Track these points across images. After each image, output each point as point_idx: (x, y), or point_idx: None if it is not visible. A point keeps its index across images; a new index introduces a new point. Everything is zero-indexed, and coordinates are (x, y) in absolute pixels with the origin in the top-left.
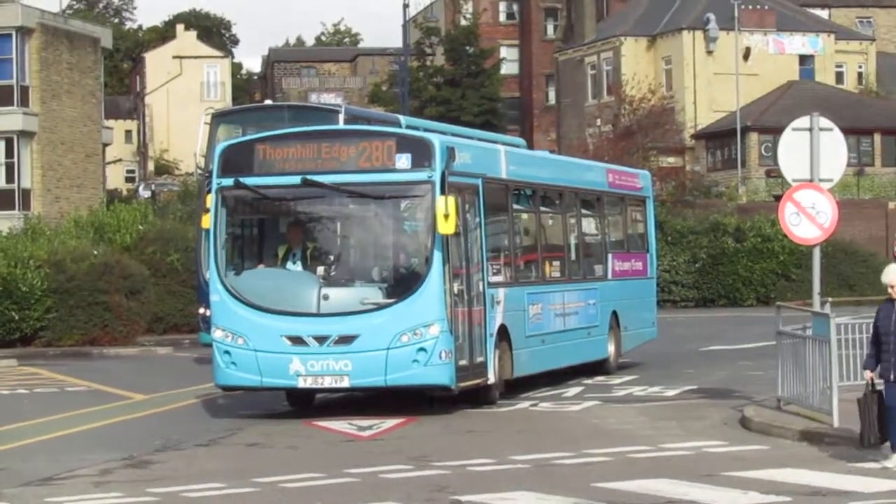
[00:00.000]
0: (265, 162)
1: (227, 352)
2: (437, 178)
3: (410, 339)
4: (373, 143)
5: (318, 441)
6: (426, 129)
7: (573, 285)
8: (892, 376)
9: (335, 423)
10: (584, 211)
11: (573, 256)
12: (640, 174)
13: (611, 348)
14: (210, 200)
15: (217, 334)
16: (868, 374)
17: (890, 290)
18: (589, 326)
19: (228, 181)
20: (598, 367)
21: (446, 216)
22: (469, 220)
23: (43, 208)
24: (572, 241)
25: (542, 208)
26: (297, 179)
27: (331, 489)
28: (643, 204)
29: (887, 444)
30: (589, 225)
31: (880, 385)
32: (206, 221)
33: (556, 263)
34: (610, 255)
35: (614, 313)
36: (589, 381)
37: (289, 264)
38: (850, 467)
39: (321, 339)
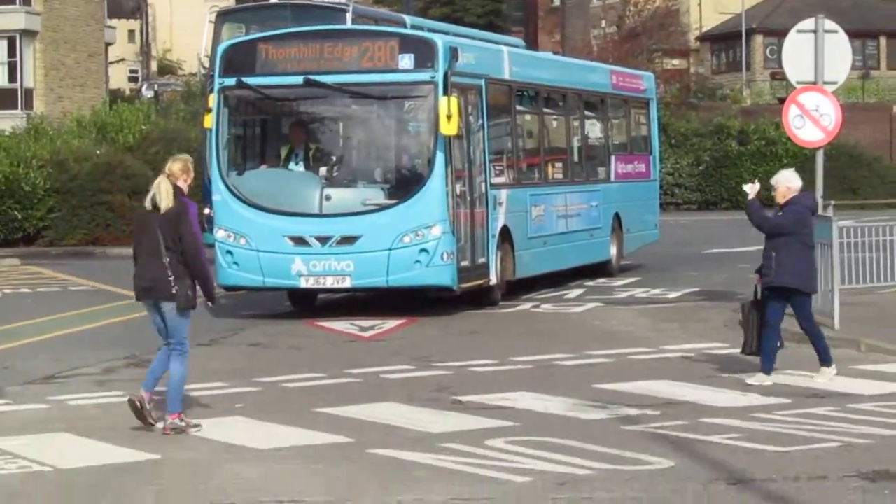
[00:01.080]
0: (268, 62)
1: (229, 252)
2: (439, 78)
3: (412, 240)
4: (376, 43)
5: (320, 341)
6: (430, 30)
7: (576, 187)
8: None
9: (337, 324)
10: (587, 113)
11: (576, 158)
12: (643, 76)
13: (613, 250)
14: (212, 100)
15: (219, 234)
16: (756, 278)
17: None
18: (591, 228)
19: (231, 81)
20: (600, 269)
21: (449, 117)
22: (472, 122)
23: (46, 108)
24: (575, 143)
25: (545, 110)
26: (299, 79)
27: (332, 389)
28: (647, 106)
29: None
30: (592, 127)
31: None
32: (209, 121)
33: (559, 165)
34: (613, 157)
35: (617, 215)
36: (591, 283)
37: (291, 164)
38: (851, 370)
39: (323, 240)
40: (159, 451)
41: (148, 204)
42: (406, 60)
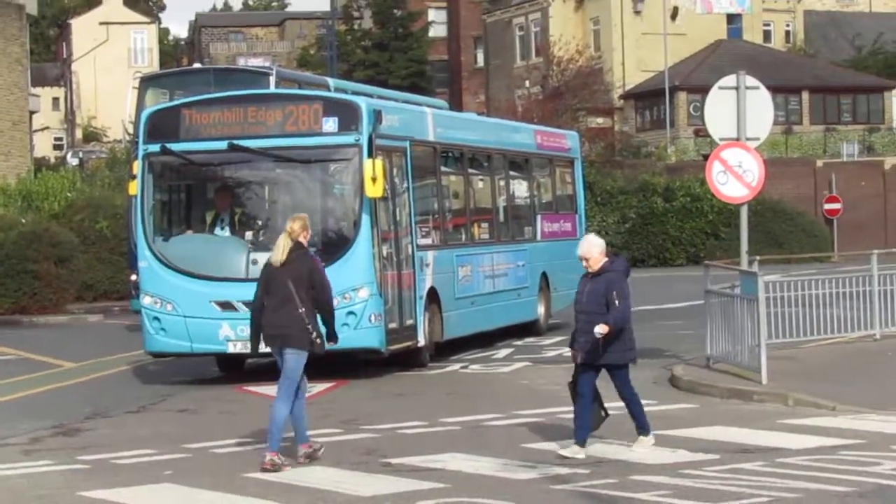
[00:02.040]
0: (191, 127)
1: (156, 318)
2: (364, 141)
3: (340, 303)
4: (299, 107)
5: (249, 406)
6: (354, 92)
7: (502, 247)
8: (579, 358)
9: (266, 388)
10: (512, 172)
11: (501, 218)
12: (567, 135)
13: (541, 309)
14: (136, 167)
15: (146, 300)
16: (573, 352)
17: (584, 263)
18: (519, 288)
19: (155, 147)
20: (528, 328)
21: (374, 179)
22: (397, 184)
23: None
24: (501, 202)
25: (470, 170)
26: (223, 144)
27: (261, 454)
28: (571, 165)
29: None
30: (517, 186)
31: None
32: (133, 188)
33: (485, 225)
34: (539, 217)
35: (544, 274)
36: (519, 343)
37: (217, 230)
38: (779, 424)
39: (250, 304)
40: None
41: (273, 260)
42: (330, 124)
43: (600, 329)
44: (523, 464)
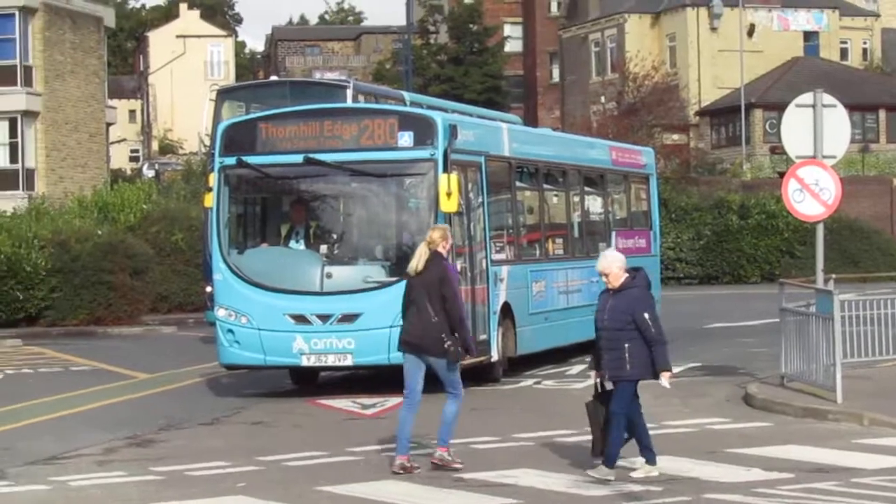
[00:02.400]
0: (268, 140)
1: (230, 330)
2: (439, 156)
3: None
4: (375, 121)
5: (321, 419)
6: (429, 106)
7: (576, 262)
8: (607, 382)
9: (338, 402)
10: (587, 188)
11: (576, 234)
12: (643, 151)
13: None
14: (212, 179)
15: (220, 313)
16: (594, 374)
17: (604, 279)
18: (592, 304)
19: (231, 160)
20: None
21: (449, 194)
22: (472, 199)
23: (47, 188)
24: (575, 218)
25: (545, 185)
26: (299, 158)
27: (333, 467)
28: (647, 181)
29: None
30: (592, 202)
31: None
32: (209, 200)
33: (560, 241)
34: (613, 233)
35: None
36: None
37: (292, 243)
38: (854, 444)
39: (324, 318)
40: None
41: (410, 269)
42: (405, 138)
43: (665, 381)
44: (596, 481)
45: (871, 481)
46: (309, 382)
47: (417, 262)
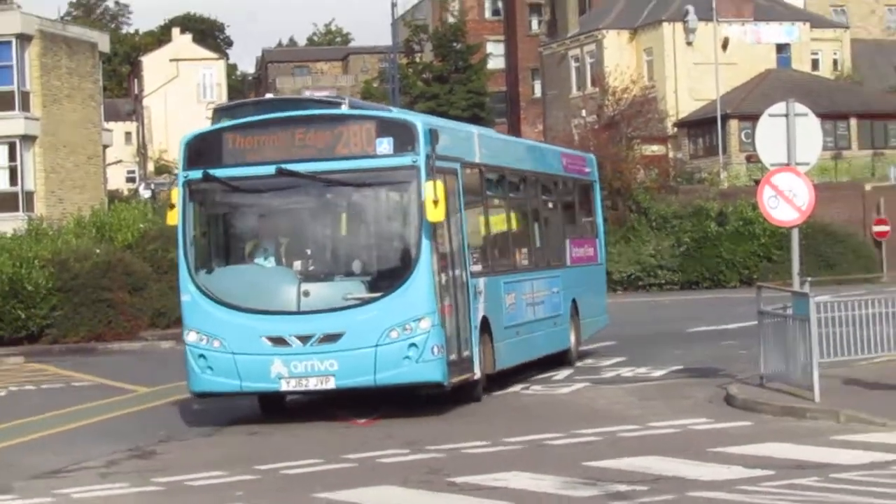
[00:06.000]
0: (236, 151)
1: (202, 356)
2: (421, 162)
3: (400, 335)
4: (350, 128)
5: (317, 428)
6: None
7: (540, 273)
8: None
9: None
10: (543, 196)
11: (538, 243)
12: (587, 158)
13: (572, 338)
14: (175, 195)
15: (190, 337)
16: None
17: None
18: (555, 315)
19: (197, 173)
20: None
21: (435, 202)
22: (450, 208)
23: (46, 210)
24: (536, 227)
25: (510, 194)
26: (271, 169)
27: (329, 474)
28: (592, 188)
29: None
30: (550, 210)
31: None
32: (173, 218)
33: (525, 251)
34: (568, 241)
35: (574, 301)
36: (580, 364)
37: (266, 260)
38: (832, 440)
39: (304, 339)
40: None
41: None
42: (384, 145)
43: None
44: (584, 481)
45: (849, 476)
46: (278, 412)
47: None
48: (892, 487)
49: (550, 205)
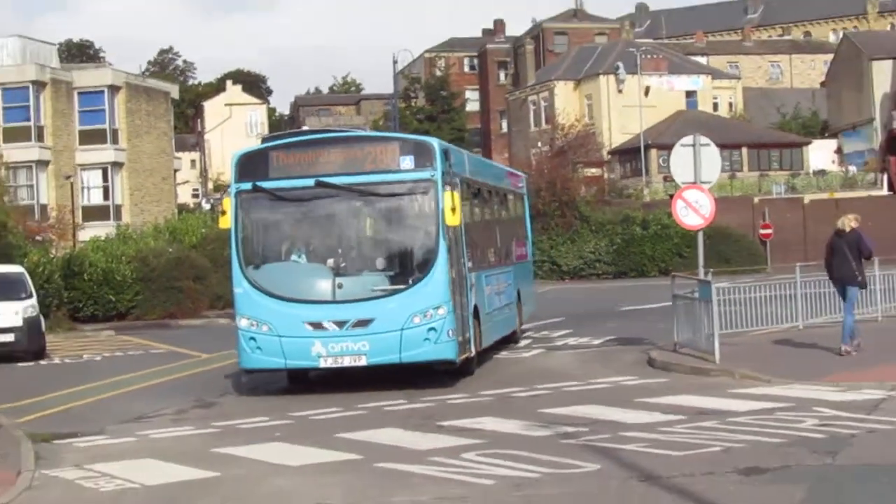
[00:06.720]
0: (279, 167)
1: (252, 338)
2: (438, 176)
3: (422, 321)
4: (377, 147)
5: (340, 386)
6: None
7: (502, 268)
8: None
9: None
10: (500, 205)
11: (499, 243)
12: (521, 175)
13: (517, 321)
14: (227, 204)
15: (242, 323)
16: None
17: None
18: (510, 303)
19: (246, 185)
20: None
21: (452, 209)
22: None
23: (131, 219)
24: (498, 230)
25: (485, 203)
26: (310, 182)
27: (346, 419)
28: (524, 199)
29: None
30: (504, 217)
31: None
32: (224, 222)
33: (492, 250)
34: (514, 242)
35: (518, 291)
36: (536, 335)
37: (305, 258)
38: (729, 393)
39: (340, 324)
40: (219, 469)
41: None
42: (407, 161)
43: None
44: (540, 424)
45: (741, 420)
46: (301, 381)
47: (843, 225)
48: (773, 428)
49: (504, 212)
